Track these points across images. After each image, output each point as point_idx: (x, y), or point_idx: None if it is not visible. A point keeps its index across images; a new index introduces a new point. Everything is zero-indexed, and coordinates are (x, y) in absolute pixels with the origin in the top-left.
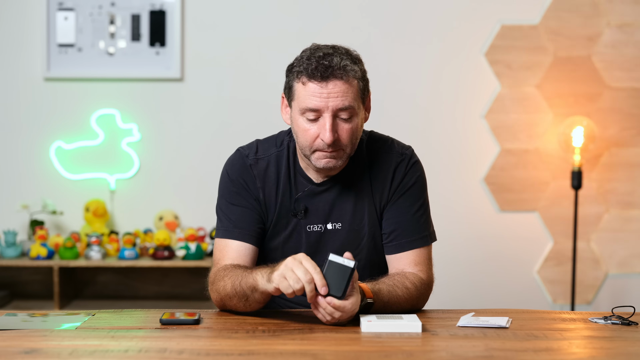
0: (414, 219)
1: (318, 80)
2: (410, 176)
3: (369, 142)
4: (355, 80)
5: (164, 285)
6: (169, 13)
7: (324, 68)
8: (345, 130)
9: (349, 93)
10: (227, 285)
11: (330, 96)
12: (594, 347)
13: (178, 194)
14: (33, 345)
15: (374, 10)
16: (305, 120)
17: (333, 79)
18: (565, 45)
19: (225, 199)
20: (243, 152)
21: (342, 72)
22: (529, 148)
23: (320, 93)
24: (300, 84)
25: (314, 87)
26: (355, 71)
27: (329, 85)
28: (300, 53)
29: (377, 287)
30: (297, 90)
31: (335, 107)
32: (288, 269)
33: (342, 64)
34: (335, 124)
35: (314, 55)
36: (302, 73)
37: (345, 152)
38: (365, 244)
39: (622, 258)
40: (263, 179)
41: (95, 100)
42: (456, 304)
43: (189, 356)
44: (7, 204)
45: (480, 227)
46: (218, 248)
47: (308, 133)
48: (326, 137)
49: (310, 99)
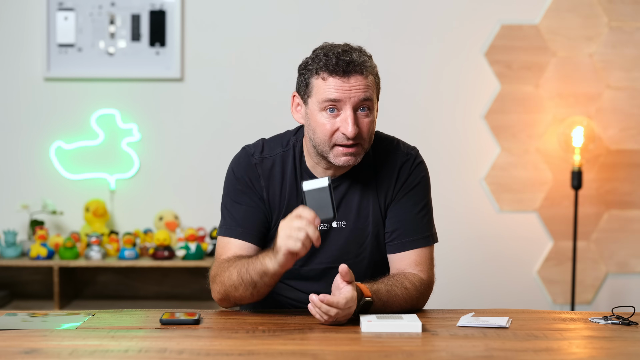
0: (417, 218)
1: (340, 75)
2: (415, 176)
3: (374, 142)
4: (372, 76)
5: (164, 285)
6: (169, 13)
7: (345, 63)
8: (365, 124)
9: (369, 87)
10: (233, 275)
11: (353, 89)
12: (594, 347)
13: (178, 194)
14: (33, 345)
15: (374, 10)
16: (325, 115)
17: (355, 74)
18: (565, 45)
19: (230, 197)
20: (249, 150)
21: (362, 67)
22: (529, 148)
23: (342, 86)
24: (320, 79)
25: (336, 82)
26: (373, 67)
27: (351, 80)
28: (313, 52)
29: (376, 287)
30: (317, 86)
31: (357, 99)
32: (286, 227)
33: (361, 60)
34: (356, 117)
35: (332, 52)
36: (321, 69)
37: (364, 148)
38: (369, 242)
39: (622, 258)
40: (268, 178)
41: (95, 100)
42: (456, 304)
43: (189, 356)
44: (7, 204)
45: (480, 227)
46: (220, 245)
47: (326, 128)
48: (349, 130)
49: (331, 91)
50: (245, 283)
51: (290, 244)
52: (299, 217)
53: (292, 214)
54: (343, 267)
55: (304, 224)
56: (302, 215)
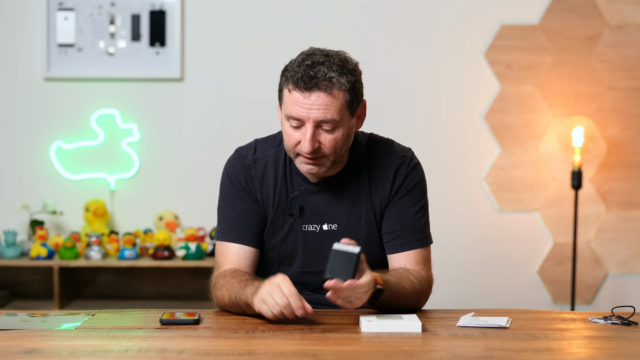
0: (415, 219)
1: (301, 90)
2: (412, 178)
3: (368, 144)
4: (341, 93)
5: (164, 285)
6: (169, 13)
7: (309, 78)
8: (327, 140)
9: (331, 105)
10: (225, 297)
11: (312, 107)
12: (594, 347)
13: (178, 194)
14: (33, 345)
15: (374, 10)
16: (290, 126)
17: (316, 90)
18: (565, 45)
19: (225, 201)
20: (242, 152)
21: (326, 84)
22: (529, 148)
23: (303, 103)
24: (287, 90)
25: (298, 96)
26: (341, 83)
27: (312, 97)
28: (297, 56)
29: (385, 277)
30: (285, 96)
31: (317, 119)
32: (266, 294)
33: (328, 76)
34: (317, 133)
35: (303, 63)
36: (289, 80)
37: (329, 160)
38: (362, 245)
39: (622, 258)
40: (261, 179)
41: (95, 100)
42: (456, 304)
43: (189, 356)
44: (7, 204)
45: (480, 227)
46: (219, 251)
47: (291, 138)
48: (305, 147)
49: (293, 107)
50: (236, 307)
51: (263, 310)
52: (280, 291)
53: (286, 283)
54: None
55: (283, 305)
56: (285, 292)
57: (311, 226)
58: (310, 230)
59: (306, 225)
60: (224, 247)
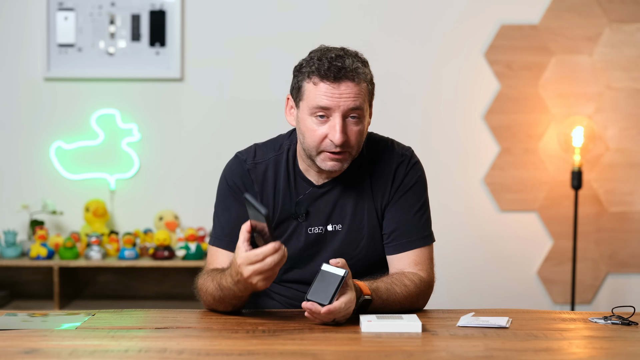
0: (415, 218)
1: (331, 80)
2: (411, 176)
3: (368, 144)
4: (365, 83)
5: (164, 285)
6: (169, 13)
7: (337, 69)
8: (353, 132)
9: (360, 95)
10: (209, 288)
11: (342, 96)
12: (594, 347)
13: (178, 194)
14: (33, 345)
15: (374, 10)
16: (314, 120)
17: (345, 80)
18: (565, 45)
19: (221, 205)
20: (241, 157)
21: (354, 74)
22: (529, 148)
23: (332, 93)
24: (312, 84)
25: (326, 88)
26: (365, 74)
27: (342, 87)
28: (309, 54)
29: (375, 285)
30: (308, 90)
31: (347, 107)
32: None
33: (354, 66)
34: (344, 125)
35: (325, 56)
36: (313, 73)
37: (351, 155)
38: (365, 244)
39: (622, 258)
40: (261, 183)
41: (95, 100)
42: (456, 304)
43: (189, 356)
44: (7, 204)
45: (480, 227)
46: (210, 254)
47: (316, 134)
48: (336, 138)
49: (321, 97)
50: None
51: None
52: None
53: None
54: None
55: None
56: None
57: (316, 228)
58: (315, 232)
59: (311, 228)
60: (214, 252)
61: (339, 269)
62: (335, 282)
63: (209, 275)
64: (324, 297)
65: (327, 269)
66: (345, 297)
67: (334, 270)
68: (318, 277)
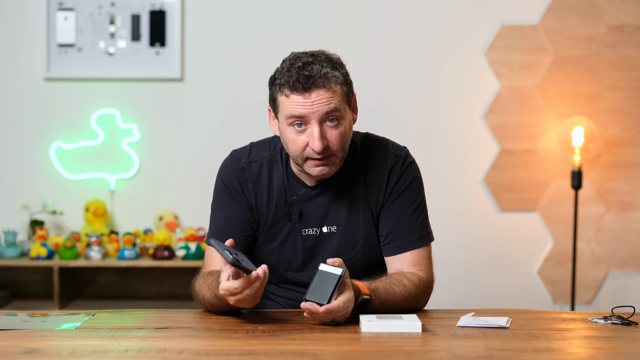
0: (412, 219)
1: (300, 91)
2: (406, 177)
3: (363, 144)
4: (337, 86)
5: (164, 285)
6: (169, 13)
7: (305, 79)
8: (334, 136)
9: (333, 99)
10: (206, 294)
11: (315, 104)
12: (594, 347)
13: (178, 194)
14: (33, 345)
15: (374, 10)
16: (293, 130)
17: (315, 89)
18: (565, 45)
19: (217, 204)
20: (236, 155)
21: (323, 80)
22: (529, 148)
23: (304, 103)
24: (284, 96)
25: (298, 98)
26: (336, 77)
27: (312, 95)
28: (280, 64)
29: (374, 285)
30: (282, 102)
31: (322, 113)
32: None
33: (323, 72)
34: (323, 130)
35: (293, 66)
36: (283, 86)
37: (337, 157)
38: (361, 246)
39: (622, 258)
40: (255, 182)
41: (95, 100)
42: (456, 304)
43: (189, 356)
44: (7, 204)
45: (480, 227)
46: (207, 253)
47: (297, 143)
48: (316, 146)
49: (294, 108)
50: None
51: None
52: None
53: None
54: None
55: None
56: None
57: (311, 230)
58: (310, 234)
59: (306, 229)
60: (210, 251)
61: (336, 268)
62: (332, 282)
63: (205, 281)
64: (322, 297)
65: (324, 269)
66: (344, 297)
67: (331, 270)
68: (316, 277)
